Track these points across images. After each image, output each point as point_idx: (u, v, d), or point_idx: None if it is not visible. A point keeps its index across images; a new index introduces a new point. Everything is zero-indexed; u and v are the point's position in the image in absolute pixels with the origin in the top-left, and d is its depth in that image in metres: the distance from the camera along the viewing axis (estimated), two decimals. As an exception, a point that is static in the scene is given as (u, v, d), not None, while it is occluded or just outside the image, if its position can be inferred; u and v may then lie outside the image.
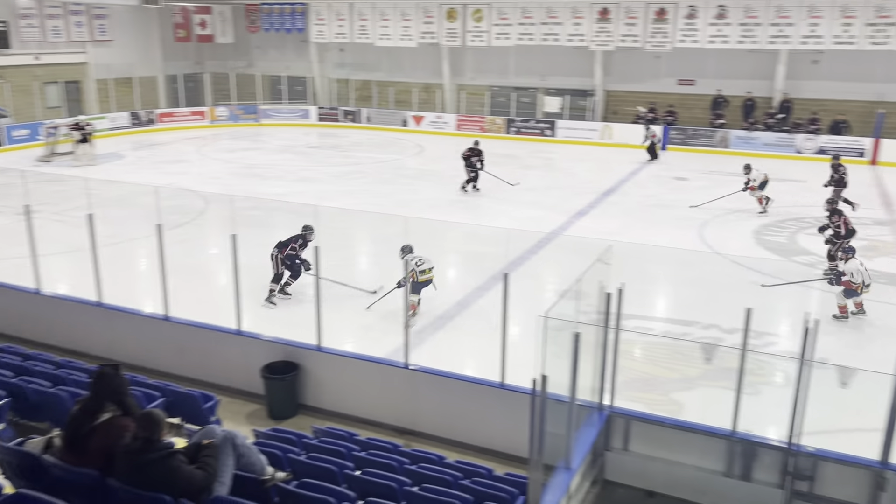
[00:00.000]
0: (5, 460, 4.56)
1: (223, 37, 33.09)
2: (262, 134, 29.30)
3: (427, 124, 29.95)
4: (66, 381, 6.95)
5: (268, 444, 5.75)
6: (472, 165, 19.34)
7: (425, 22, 29.54)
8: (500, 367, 7.54)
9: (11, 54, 26.14)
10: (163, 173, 21.14)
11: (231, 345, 8.88)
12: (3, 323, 10.31)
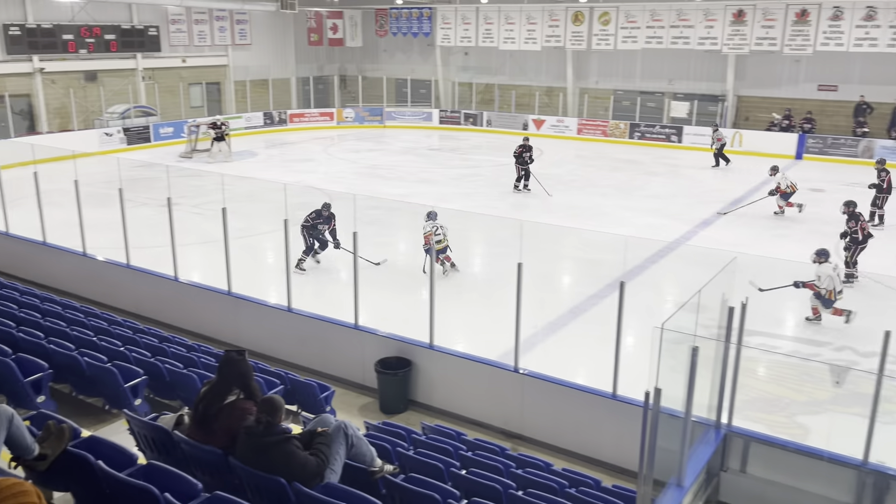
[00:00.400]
0: (141, 433, 4.92)
1: (353, 41, 34.24)
2: (386, 135, 30.06)
3: (548, 128, 29.73)
4: (196, 363, 7.41)
5: (378, 437, 5.90)
6: (524, 162, 19.48)
7: (550, 25, 29.35)
8: (612, 377, 7.38)
9: (161, 57, 28.17)
10: (291, 171, 22.11)
11: (348, 338, 9.17)
12: (145, 306, 11.12)
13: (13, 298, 8.87)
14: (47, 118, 25.00)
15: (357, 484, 4.42)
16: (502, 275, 11.20)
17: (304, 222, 13.07)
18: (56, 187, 12.69)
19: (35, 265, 12.55)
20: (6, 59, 23.79)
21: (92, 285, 11.80)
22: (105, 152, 22.64)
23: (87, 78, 26.11)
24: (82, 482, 3.92)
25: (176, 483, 3.73)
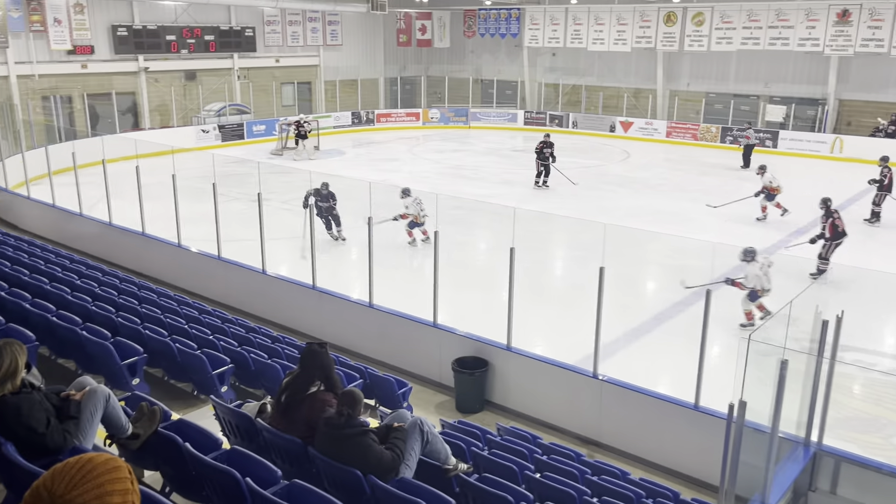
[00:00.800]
0: (225, 419, 5.11)
1: (440, 41, 34.51)
2: (471, 136, 30.14)
3: (635, 130, 29.12)
4: (280, 354, 7.63)
5: (453, 436, 5.93)
6: (545, 158, 19.76)
7: (641, 26, 28.74)
8: (695, 387, 7.17)
9: (256, 57, 29.16)
10: (377, 170, 22.46)
11: (426, 336, 9.25)
12: (233, 297, 11.54)
13: (114, 285, 9.37)
14: (149, 115, 26.28)
15: (431, 480, 4.45)
16: (583, 279, 11.05)
17: (315, 203, 13.49)
18: (155, 181, 13.32)
19: (134, 255, 13.22)
20: (114, 58, 25.14)
21: (185, 275, 12.33)
22: (201, 148, 23.60)
23: (186, 77, 27.30)
24: (171, 462, 4.11)
25: (257, 469, 3.85)
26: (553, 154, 19.97)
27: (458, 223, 15.39)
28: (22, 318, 6.66)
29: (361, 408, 4.50)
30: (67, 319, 6.69)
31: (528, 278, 12.65)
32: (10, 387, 3.56)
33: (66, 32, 23.71)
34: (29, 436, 3.54)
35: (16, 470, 3.41)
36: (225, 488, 3.72)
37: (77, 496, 1.50)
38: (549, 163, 19.82)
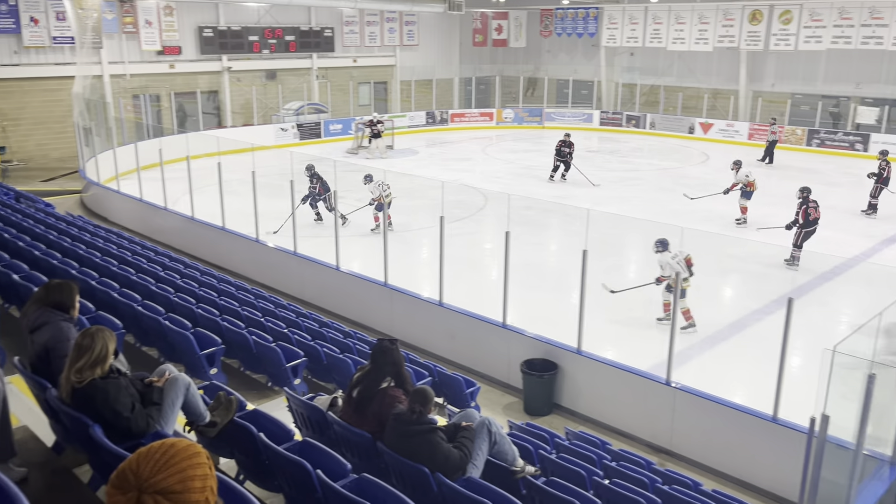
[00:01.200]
0: (298, 411, 5.23)
1: (516, 41, 34.38)
2: (545, 136, 29.90)
3: (715, 132, 28.30)
4: (351, 349, 7.76)
5: (520, 438, 5.90)
6: (563, 155, 20.52)
7: (724, 25, 27.91)
8: (773, 399, 6.92)
9: (334, 57, 29.72)
10: (449, 170, 22.55)
11: (495, 337, 9.23)
12: (307, 292, 11.80)
13: (195, 277, 9.71)
14: (231, 113, 27.14)
15: (497, 481, 4.44)
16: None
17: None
18: (236, 177, 13.74)
19: (214, 248, 13.68)
20: (199, 58, 26.07)
21: (262, 269, 12.68)
22: (280, 146, 24.21)
23: (267, 76, 28.06)
24: (245, 451, 4.23)
25: (328, 461, 3.92)
26: (571, 154, 20.64)
27: (530, 224, 15.30)
28: (110, 306, 6.98)
29: (432, 406, 4.53)
30: (151, 309, 6.98)
31: (601, 281, 12.46)
32: (100, 371, 3.74)
33: (157, 33, 24.73)
34: (115, 419, 3.71)
35: (102, 451, 3.57)
36: (296, 479, 3.81)
37: (161, 479, 1.56)
38: (568, 159, 20.67)
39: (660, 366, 8.03)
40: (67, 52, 22.67)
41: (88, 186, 17.96)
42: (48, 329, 4.19)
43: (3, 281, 6.80)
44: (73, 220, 12.40)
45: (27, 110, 22.47)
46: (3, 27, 21.48)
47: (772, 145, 23.54)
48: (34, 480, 3.84)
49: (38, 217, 11.35)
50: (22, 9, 21.66)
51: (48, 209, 13.32)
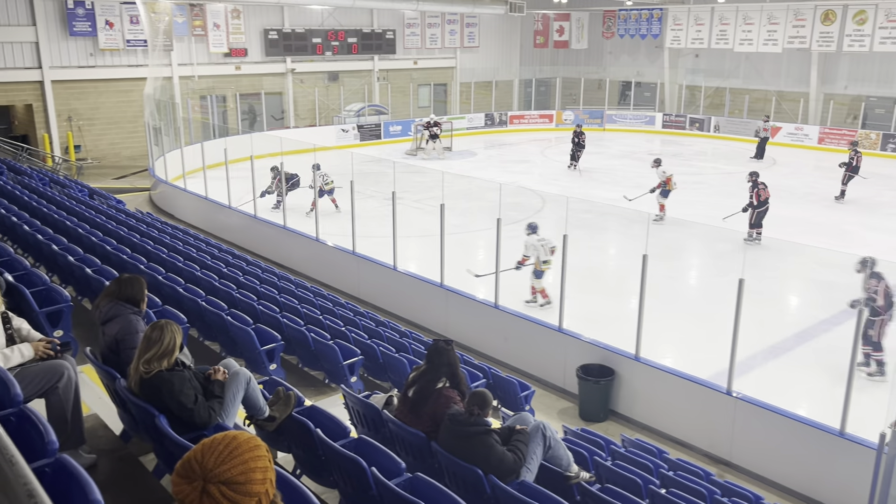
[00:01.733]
0: (354, 408, 5.30)
1: (578, 43, 34.06)
2: (605, 139, 29.55)
3: (783, 136, 27.47)
4: (407, 349, 7.82)
5: (575, 443, 5.85)
6: (578, 146, 22.36)
7: (795, 25, 27.07)
8: (841, 412, 6.69)
9: (395, 59, 29.99)
10: (507, 172, 22.50)
11: (551, 340, 9.17)
12: (365, 291, 11.94)
13: (256, 275, 9.94)
14: (294, 114, 27.67)
15: (551, 486, 4.42)
16: (719, 290, 10.56)
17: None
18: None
19: (275, 246, 13.97)
20: (264, 59, 26.66)
21: (320, 268, 12.89)
22: (340, 147, 24.57)
23: (329, 78, 28.51)
24: (302, 446, 4.30)
25: (382, 459, 3.96)
26: (581, 146, 22.49)
27: (588, 227, 15.15)
28: (176, 301, 7.20)
29: (490, 410, 4.53)
30: (215, 305, 7.17)
31: (660, 287, 12.25)
32: (166, 363, 3.87)
33: (224, 36, 25.40)
34: (179, 410, 3.83)
35: (166, 441, 3.69)
36: (351, 475, 3.86)
37: (225, 470, 1.61)
38: (580, 150, 22.49)
39: (720, 375, 7.84)
40: (140, 54, 23.51)
41: (157, 184, 18.56)
42: (118, 321, 4.35)
43: (77, 274, 7.09)
44: (142, 217, 12.84)
45: (101, 110, 23.38)
46: (80, 30, 22.40)
47: (763, 142, 24.64)
48: (102, 467, 3.99)
49: (109, 213, 11.79)
50: (98, 13, 22.55)
51: (119, 206, 13.83)
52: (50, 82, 22.17)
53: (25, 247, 8.32)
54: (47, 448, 2.70)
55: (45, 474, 2.52)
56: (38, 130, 22.40)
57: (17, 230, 8.41)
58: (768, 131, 24.81)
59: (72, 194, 13.15)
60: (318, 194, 14.83)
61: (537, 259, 10.75)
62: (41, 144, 22.28)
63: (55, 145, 22.49)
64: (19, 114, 23.61)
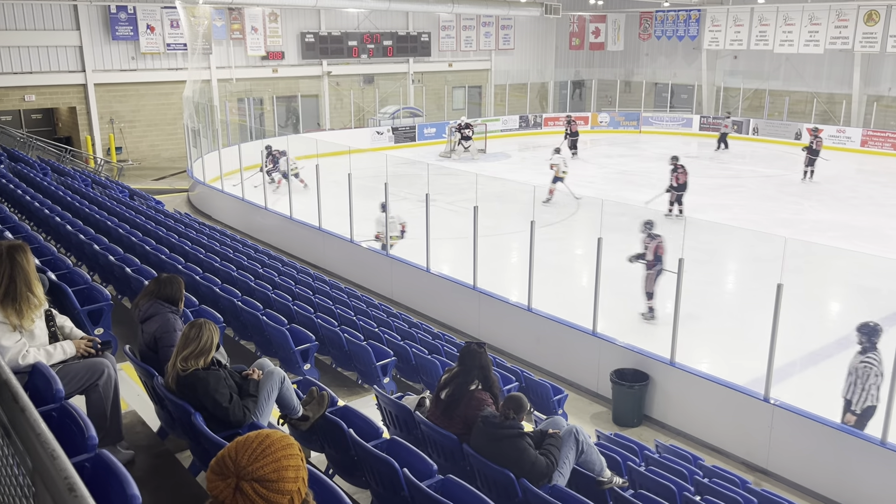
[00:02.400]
0: (387, 409, 5.32)
1: (614, 45, 33.79)
2: (641, 141, 29.26)
3: (825, 138, 26.83)
4: (439, 350, 7.83)
5: (608, 448, 5.80)
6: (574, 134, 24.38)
7: (837, 26, 26.49)
8: (882, 421, 6.52)
9: (430, 61, 30.08)
10: (541, 174, 22.36)
11: (584, 344, 9.10)
12: (398, 292, 11.98)
13: (291, 275, 10.04)
14: (330, 116, 27.91)
15: (584, 491, 4.39)
16: (757, 295, 10.39)
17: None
18: (332, 179, 14.11)
19: (310, 247, 14.10)
20: (301, 63, 26.95)
21: (354, 269, 12.97)
22: (375, 149, 24.71)
23: (365, 81, 28.70)
24: (335, 446, 4.34)
25: (414, 460, 3.97)
26: (572, 141, 24.38)
27: (623, 230, 14.98)
28: (212, 300, 7.31)
29: (525, 414, 4.51)
30: (250, 304, 7.26)
31: (696, 291, 12.10)
32: (203, 362, 3.93)
33: (261, 40, 25.74)
34: (214, 408, 3.89)
35: (202, 438, 3.75)
36: (383, 476, 3.88)
37: (259, 468, 1.63)
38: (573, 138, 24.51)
39: (758, 381, 7.71)
40: (180, 57, 23.93)
41: (195, 185, 18.87)
42: (157, 320, 4.44)
43: (118, 273, 7.24)
44: (180, 218, 13.06)
45: (142, 113, 23.85)
46: (122, 35, 22.89)
47: (723, 136, 26.58)
48: (140, 462, 4.07)
49: (149, 214, 12.02)
50: (140, 17, 23.03)
51: (158, 206, 14.09)
52: (93, 85, 22.69)
53: (68, 246, 8.52)
54: (87, 443, 2.77)
55: (85, 469, 2.58)
56: (81, 132, 22.94)
57: (60, 230, 8.62)
58: (728, 128, 26.99)
59: (113, 195, 13.44)
60: (285, 176, 16.79)
61: (385, 234, 12.35)
62: (84, 146, 22.81)
63: (97, 147, 23.00)
64: (63, 116, 24.21)
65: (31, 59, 21.65)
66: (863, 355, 7.04)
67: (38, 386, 3.41)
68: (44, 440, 1.52)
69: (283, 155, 17.75)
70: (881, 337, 7.04)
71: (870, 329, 7.05)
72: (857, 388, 7.01)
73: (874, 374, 6.93)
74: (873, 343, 7.02)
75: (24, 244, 3.93)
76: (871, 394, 6.94)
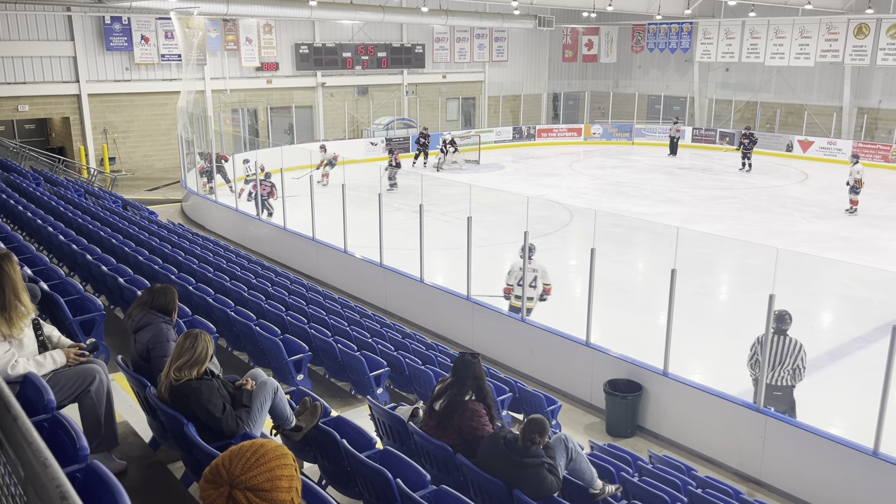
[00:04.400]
0: (380, 420, 5.31)
1: (607, 57, 34.00)
2: (634, 153, 29.42)
3: (815, 150, 27.09)
4: (433, 361, 7.82)
5: (602, 459, 5.80)
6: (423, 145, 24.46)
7: (827, 39, 26.73)
8: (874, 432, 6.55)
9: (424, 73, 30.19)
10: (535, 185, 22.48)
11: (578, 355, 9.11)
12: (392, 303, 11.97)
13: (285, 286, 10.03)
14: (324, 127, 27.95)
15: (575, 502, 4.38)
16: (749, 306, 10.43)
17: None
18: (326, 189, 14.11)
19: (304, 258, 14.08)
20: (295, 74, 27.01)
21: (348, 280, 12.96)
22: (369, 160, 24.73)
23: (359, 92, 28.77)
24: (328, 456, 4.33)
25: (407, 471, 3.96)
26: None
27: (616, 241, 15.07)
28: (205, 311, 7.29)
29: (548, 437, 4.46)
30: (243, 315, 7.25)
31: (689, 302, 12.13)
32: (196, 372, 3.92)
33: (256, 51, 25.80)
34: (207, 419, 3.88)
35: (194, 449, 3.74)
36: (376, 487, 3.87)
37: (252, 477, 1.63)
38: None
39: (750, 391, 7.73)
40: (174, 68, 23.96)
41: (188, 196, 18.85)
42: (150, 330, 4.43)
43: (110, 284, 7.22)
44: (173, 228, 13.04)
45: (136, 123, 23.84)
46: (116, 45, 22.91)
47: (672, 140, 27.93)
48: (132, 473, 4.05)
49: (142, 224, 12.00)
50: (134, 28, 23.06)
51: (151, 217, 14.07)
52: (87, 96, 22.68)
53: (61, 256, 8.50)
54: (79, 454, 2.75)
55: (77, 479, 2.57)
56: (75, 143, 22.91)
57: (52, 240, 8.60)
58: (679, 132, 28.20)
59: (106, 205, 13.41)
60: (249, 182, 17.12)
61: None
62: (77, 156, 22.77)
63: (91, 157, 22.97)
64: (56, 126, 24.17)
65: (24, 69, 21.63)
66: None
67: (29, 396, 3.40)
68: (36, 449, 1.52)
69: (246, 162, 18.09)
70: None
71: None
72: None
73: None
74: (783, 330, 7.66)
75: (10, 253, 3.93)
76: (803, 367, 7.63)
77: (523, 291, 9.72)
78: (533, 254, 9.84)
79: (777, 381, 7.62)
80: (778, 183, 23.43)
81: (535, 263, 9.89)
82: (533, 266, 9.83)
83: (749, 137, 24.72)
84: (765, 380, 7.45)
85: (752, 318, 9.92)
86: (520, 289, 9.80)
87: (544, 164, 27.15)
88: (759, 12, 27.48)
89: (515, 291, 9.98)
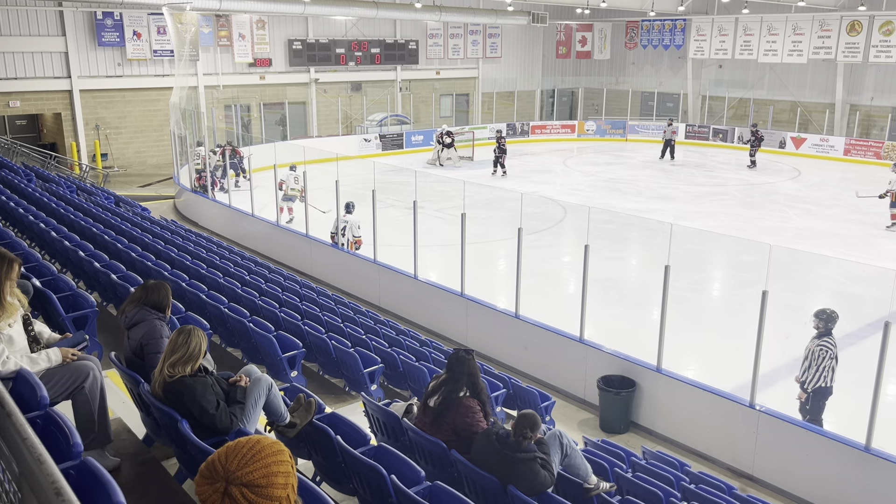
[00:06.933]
0: (374, 416, 5.31)
1: (601, 53, 34.01)
2: (627, 149, 29.44)
3: (808, 147, 27.18)
4: (427, 357, 7.82)
5: (596, 454, 5.82)
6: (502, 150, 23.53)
7: (820, 36, 26.80)
8: (866, 427, 6.58)
9: (418, 69, 30.15)
10: (529, 182, 22.48)
11: (572, 351, 9.12)
12: (385, 299, 11.97)
13: (278, 282, 10.01)
14: (318, 124, 27.89)
15: (571, 498, 4.39)
16: (743, 302, 10.46)
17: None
18: (320, 185, 14.10)
19: (297, 254, 14.06)
20: (288, 70, 26.93)
21: (342, 276, 12.95)
22: (363, 156, 24.69)
23: (353, 88, 28.71)
24: (322, 453, 4.32)
25: (402, 467, 3.97)
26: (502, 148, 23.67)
27: (610, 238, 15.07)
28: (199, 307, 7.27)
29: (539, 432, 4.48)
30: (237, 311, 7.23)
31: (683, 298, 12.16)
32: (190, 369, 3.91)
33: (249, 47, 25.71)
34: (201, 415, 3.87)
35: (188, 446, 3.73)
36: (371, 483, 3.87)
37: (247, 473, 1.63)
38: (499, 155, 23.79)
39: (743, 387, 7.76)
40: (167, 64, 23.86)
41: (181, 192, 18.78)
42: (143, 326, 4.41)
43: (103, 280, 7.19)
44: (166, 225, 12.99)
45: (128, 119, 23.74)
46: (108, 41, 22.80)
47: (667, 143, 26.65)
48: (125, 470, 4.04)
49: (135, 221, 11.95)
50: (126, 23, 22.95)
51: (144, 213, 14.01)
52: (78, 91, 22.57)
53: (53, 253, 8.46)
54: (72, 451, 2.74)
55: (71, 476, 2.56)
56: (66, 139, 22.80)
57: (44, 236, 8.55)
58: (675, 133, 27.20)
59: (98, 201, 13.35)
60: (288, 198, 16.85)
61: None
62: (69, 152, 22.67)
63: (83, 153, 22.87)
64: (48, 122, 24.05)
65: (15, 64, 21.51)
66: (819, 339, 7.54)
67: (22, 393, 3.38)
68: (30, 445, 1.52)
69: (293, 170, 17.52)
70: (836, 323, 7.61)
71: (827, 315, 7.61)
72: (812, 369, 7.50)
73: (829, 356, 7.43)
74: (829, 329, 7.57)
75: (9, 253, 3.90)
76: (824, 375, 7.46)
77: (338, 234, 12.86)
78: (351, 210, 12.80)
79: (815, 383, 7.50)
80: (771, 179, 23.49)
81: (350, 218, 12.76)
82: (345, 219, 12.74)
83: (755, 135, 24.95)
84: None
85: (745, 315, 9.96)
86: (339, 236, 12.85)
87: (538, 160, 27.14)
88: (752, 9, 27.53)
89: (337, 238, 12.88)
